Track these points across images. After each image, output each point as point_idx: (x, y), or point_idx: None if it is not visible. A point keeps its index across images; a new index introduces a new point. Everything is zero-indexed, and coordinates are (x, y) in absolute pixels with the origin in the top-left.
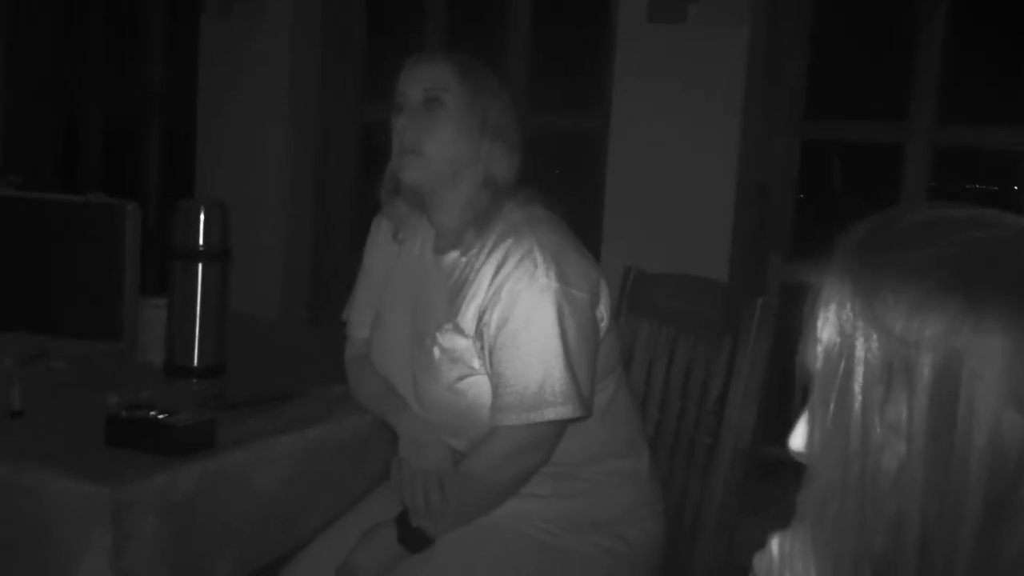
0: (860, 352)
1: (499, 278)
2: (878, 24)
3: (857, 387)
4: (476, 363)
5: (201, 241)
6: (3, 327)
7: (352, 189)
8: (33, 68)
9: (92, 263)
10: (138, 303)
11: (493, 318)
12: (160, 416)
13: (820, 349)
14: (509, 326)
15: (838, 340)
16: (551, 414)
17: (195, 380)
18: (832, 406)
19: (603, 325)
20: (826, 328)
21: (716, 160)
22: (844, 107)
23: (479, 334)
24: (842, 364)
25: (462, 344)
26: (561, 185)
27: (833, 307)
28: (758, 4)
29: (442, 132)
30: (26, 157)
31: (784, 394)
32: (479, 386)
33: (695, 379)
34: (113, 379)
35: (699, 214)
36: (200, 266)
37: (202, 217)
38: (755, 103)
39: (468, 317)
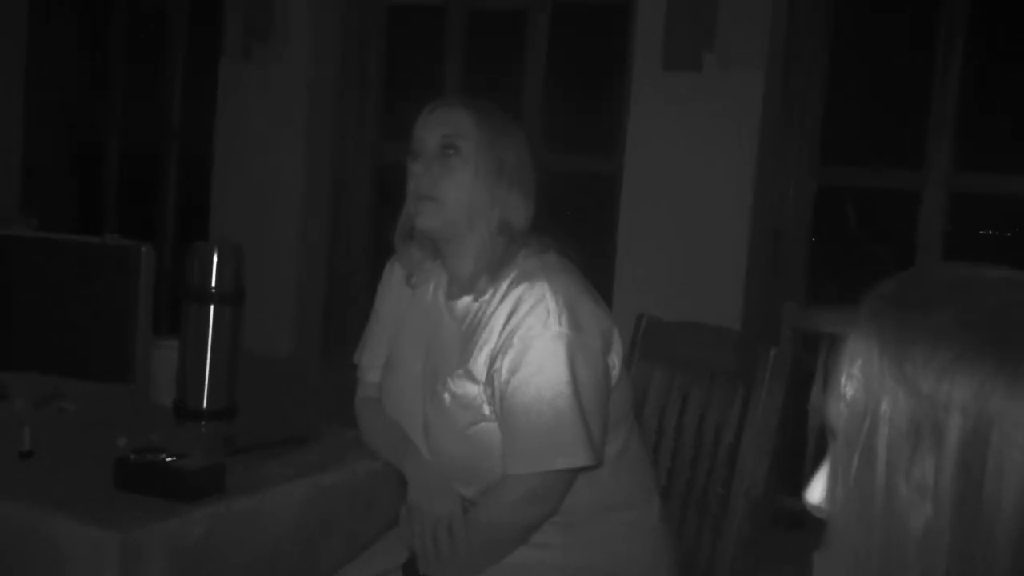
0: (886, 410)
1: (511, 324)
2: (894, 69)
3: (882, 445)
4: (487, 410)
5: (214, 283)
6: (16, 367)
7: (367, 229)
8: (53, 104)
9: (106, 304)
10: (151, 345)
11: (504, 364)
12: (169, 460)
13: (844, 405)
14: (520, 373)
15: (863, 397)
16: (561, 462)
17: (204, 423)
18: (855, 464)
19: (615, 373)
20: (851, 384)
21: (730, 205)
22: (860, 151)
23: (490, 380)
24: (867, 422)
25: (473, 390)
26: (574, 228)
27: (859, 363)
28: (774, 50)
29: (458, 179)
30: (45, 191)
31: (798, 444)
32: (490, 433)
33: (708, 428)
34: (124, 421)
35: (713, 259)
36: (213, 308)
37: (216, 259)
38: (770, 148)
39: (480, 363)
